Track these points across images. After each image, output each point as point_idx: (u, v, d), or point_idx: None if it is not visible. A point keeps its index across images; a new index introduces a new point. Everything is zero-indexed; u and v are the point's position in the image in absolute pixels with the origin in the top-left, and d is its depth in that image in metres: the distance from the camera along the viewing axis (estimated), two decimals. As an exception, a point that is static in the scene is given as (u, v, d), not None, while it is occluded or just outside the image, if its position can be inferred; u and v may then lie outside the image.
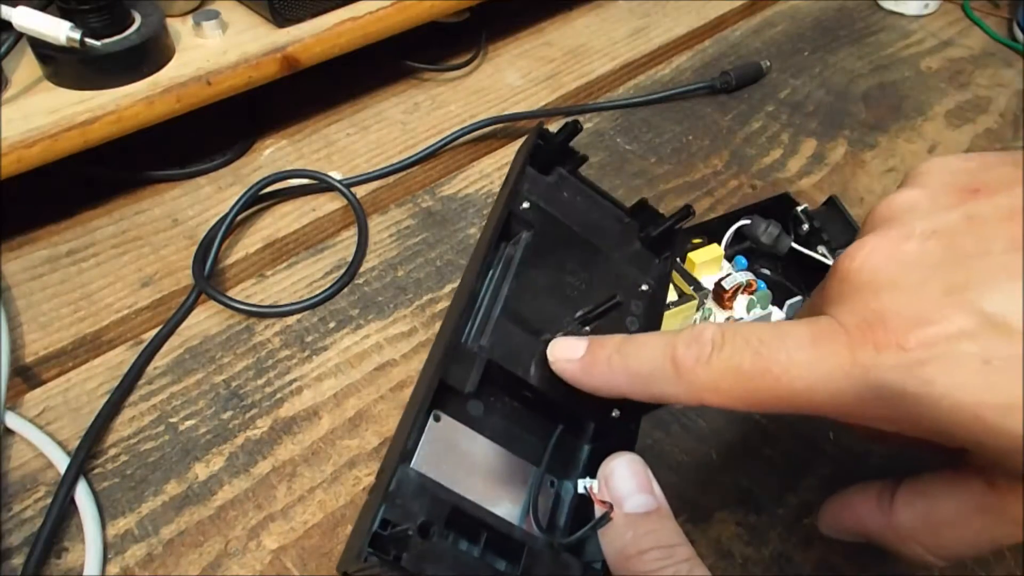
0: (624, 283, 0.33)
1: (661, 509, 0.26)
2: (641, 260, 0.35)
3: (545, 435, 0.30)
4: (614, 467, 0.27)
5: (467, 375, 0.28)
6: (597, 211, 0.35)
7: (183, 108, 0.46)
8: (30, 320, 0.43)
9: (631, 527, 0.25)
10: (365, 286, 0.45)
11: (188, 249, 0.46)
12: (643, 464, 0.27)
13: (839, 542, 0.34)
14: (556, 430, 0.30)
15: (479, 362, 0.28)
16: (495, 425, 0.29)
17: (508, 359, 0.29)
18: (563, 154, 0.35)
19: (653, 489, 0.26)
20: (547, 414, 0.30)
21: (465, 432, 0.28)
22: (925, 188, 0.25)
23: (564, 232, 0.33)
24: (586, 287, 0.32)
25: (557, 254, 0.32)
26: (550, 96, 0.58)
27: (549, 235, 0.33)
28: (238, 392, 0.40)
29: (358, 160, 0.53)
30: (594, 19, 0.67)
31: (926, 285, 0.22)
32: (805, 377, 0.23)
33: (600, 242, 0.34)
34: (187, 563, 0.33)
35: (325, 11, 0.50)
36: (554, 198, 0.34)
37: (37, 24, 0.41)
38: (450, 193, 0.51)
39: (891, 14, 0.68)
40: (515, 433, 0.29)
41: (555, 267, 0.32)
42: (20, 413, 0.38)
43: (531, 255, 0.32)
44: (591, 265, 0.33)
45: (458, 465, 0.27)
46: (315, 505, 0.35)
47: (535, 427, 0.30)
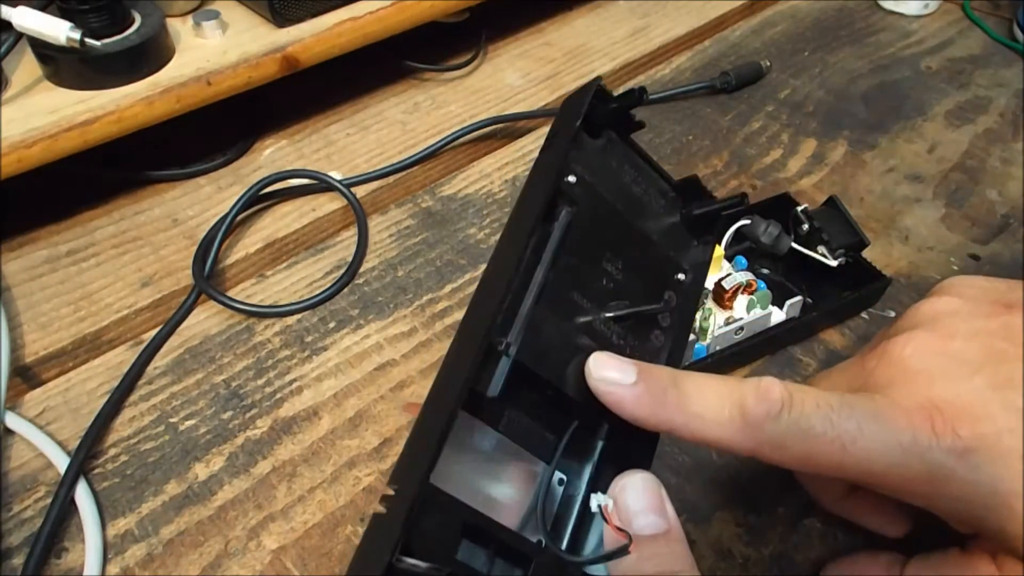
0: (661, 272, 0.32)
1: (672, 532, 0.25)
2: (679, 240, 0.33)
3: (558, 430, 0.28)
4: (626, 484, 0.26)
5: (492, 378, 0.26)
6: (642, 182, 0.32)
7: (183, 108, 0.46)
8: (30, 320, 0.43)
9: (637, 549, 0.24)
10: (365, 286, 0.45)
11: (188, 249, 0.46)
12: (657, 483, 0.26)
13: (839, 542, 0.34)
14: (571, 426, 0.28)
15: (506, 364, 0.26)
16: (510, 419, 0.28)
17: (536, 360, 0.27)
18: (618, 116, 0.32)
19: (665, 510, 0.26)
20: (563, 409, 0.28)
21: (479, 427, 0.27)
22: (963, 298, 0.29)
23: (606, 210, 0.30)
24: (622, 277, 0.30)
25: (596, 237, 0.30)
26: (550, 96, 0.58)
27: (590, 213, 0.30)
28: (238, 392, 0.40)
29: (358, 160, 0.53)
30: (594, 19, 0.67)
31: (973, 380, 0.26)
32: (869, 448, 0.25)
33: (641, 221, 0.31)
34: (187, 563, 0.33)
35: (325, 11, 0.50)
36: (600, 167, 0.31)
37: (37, 24, 0.41)
38: (450, 193, 0.51)
39: (891, 14, 0.68)
40: (528, 427, 0.28)
41: (593, 252, 0.30)
42: (20, 413, 0.38)
43: (569, 237, 0.29)
44: (629, 249, 0.31)
45: (469, 462, 0.26)
46: (315, 505, 0.35)
47: (549, 421, 0.28)
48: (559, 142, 0.30)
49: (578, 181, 0.29)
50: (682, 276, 0.32)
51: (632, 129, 0.32)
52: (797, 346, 0.41)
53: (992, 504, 0.25)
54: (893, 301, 0.43)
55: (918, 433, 0.25)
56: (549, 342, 0.27)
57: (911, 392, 0.26)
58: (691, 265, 0.32)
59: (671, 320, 0.31)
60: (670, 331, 0.31)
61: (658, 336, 0.31)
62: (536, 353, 0.27)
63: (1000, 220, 0.49)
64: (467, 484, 0.26)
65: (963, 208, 0.50)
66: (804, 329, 0.41)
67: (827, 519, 0.34)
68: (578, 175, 0.29)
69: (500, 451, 0.28)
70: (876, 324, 0.42)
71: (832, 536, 0.34)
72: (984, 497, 0.25)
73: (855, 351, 0.41)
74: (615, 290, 0.30)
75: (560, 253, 0.28)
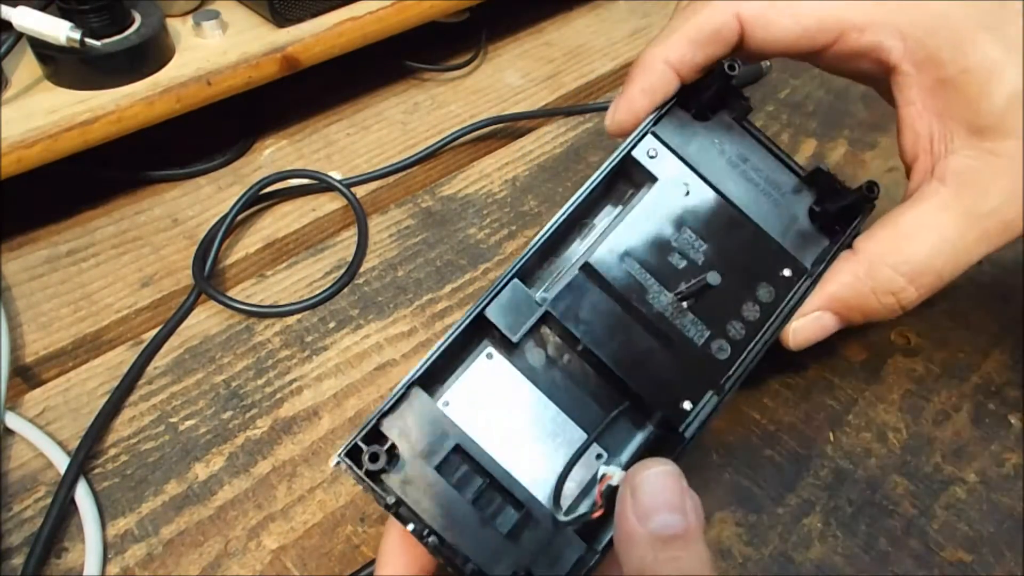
0: (762, 264, 0.30)
1: (690, 532, 0.23)
2: (803, 238, 0.31)
3: (608, 406, 0.28)
4: (645, 477, 0.24)
5: (516, 321, 0.26)
6: (763, 170, 0.31)
7: (183, 108, 0.46)
8: (30, 320, 0.43)
9: (653, 548, 0.23)
10: (365, 286, 0.45)
11: (188, 249, 0.46)
12: (678, 476, 0.24)
13: (839, 542, 0.34)
14: (622, 405, 0.28)
15: (534, 313, 0.26)
16: (555, 379, 0.27)
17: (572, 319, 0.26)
18: (727, 98, 0.31)
19: (685, 508, 0.23)
20: (618, 387, 0.28)
21: (516, 379, 0.27)
22: None
23: (700, 192, 0.30)
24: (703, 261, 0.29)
25: (682, 216, 0.29)
26: (550, 96, 0.58)
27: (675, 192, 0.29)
28: (238, 392, 0.40)
29: (358, 160, 0.53)
30: (594, 19, 0.67)
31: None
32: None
33: (748, 208, 0.30)
34: (187, 563, 0.33)
35: (325, 11, 0.50)
36: (703, 149, 0.30)
37: (37, 24, 0.41)
38: (450, 193, 0.51)
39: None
40: (575, 394, 0.27)
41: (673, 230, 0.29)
42: (20, 413, 0.38)
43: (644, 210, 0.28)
44: (722, 235, 0.30)
45: (496, 409, 0.26)
46: (315, 505, 0.35)
47: (601, 395, 0.28)
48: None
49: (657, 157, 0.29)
50: (788, 272, 0.31)
51: (744, 114, 0.32)
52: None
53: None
54: (893, 301, 0.43)
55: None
56: (595, 307, 0.27)
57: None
58: (809, 263, 0.31)
59: (759, 315, 0.30)
60: (752, 328, 0.30)
61: (736, 328, 0.30)
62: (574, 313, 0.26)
63: (1000, 220, 0.49)
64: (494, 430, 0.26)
65: (963, 208, 0.50)
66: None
67: (827, 519, 0.34)
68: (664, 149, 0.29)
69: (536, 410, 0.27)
70: (876, 324, 0.42)
71: (832, 536, 0.34)
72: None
73: (855, 351, 0.41)
74: (687, 270, 0.29)
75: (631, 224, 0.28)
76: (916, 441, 0.37)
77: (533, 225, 0.48)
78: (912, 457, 0.37)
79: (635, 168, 0.30)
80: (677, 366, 0.29)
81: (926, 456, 0.37)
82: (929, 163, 0.30)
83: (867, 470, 0.36)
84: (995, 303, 0.43)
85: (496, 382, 0.27)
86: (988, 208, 0.29)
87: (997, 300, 0.43)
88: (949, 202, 0.29)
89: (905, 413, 0.38)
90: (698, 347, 0.29)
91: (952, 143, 0.30)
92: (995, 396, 0.39)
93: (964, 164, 0.29)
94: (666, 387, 0.28)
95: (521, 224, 0.48)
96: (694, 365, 0.29)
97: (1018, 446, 0.37)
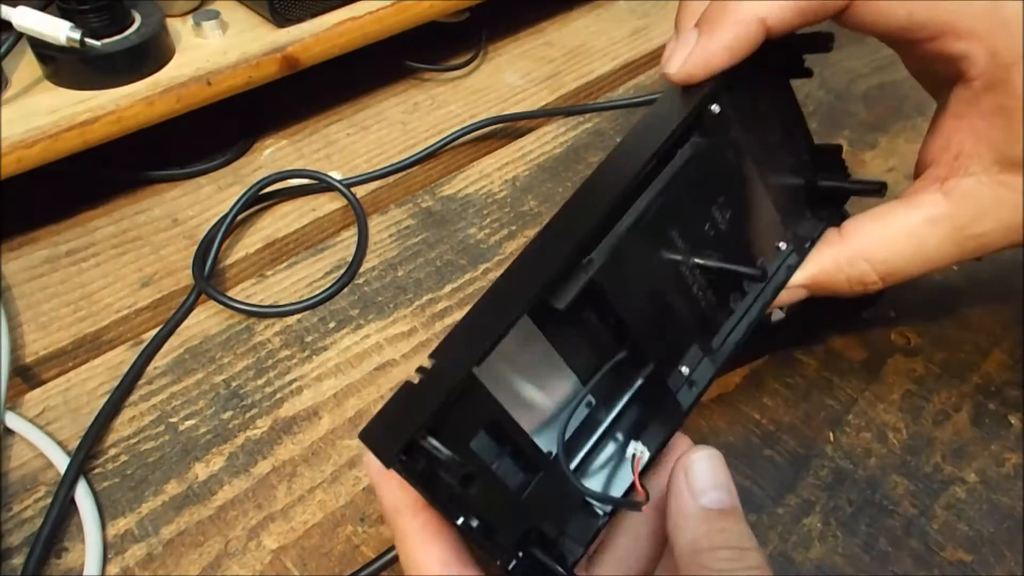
0: (766, 234, 0.30)
1: (736, 509, 0.26)
2: (795, 206, 0.31)
3: (605, 354, 0.27)
4: (696, 459, 0.26)
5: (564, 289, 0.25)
6: (781, 134, 0.31)
7: (183, 108, 0.46)
8: (30, 320, 0.43)
9: (706, 522, 0.25)
10: (365, 286, 0.45)
11: (188, 249, 0.46)
12: (722, 460, 0.26)
13: (839, 542, 0.34)
14: (617, 355, 0.27)
15: (582, 281, 0.25)
16: (559, 331, 0.26)
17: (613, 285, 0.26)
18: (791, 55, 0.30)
19: (730, 488, 0.26)
20: (615, 336, 0.27)
21: (533, 334, 0.26)
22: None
23: (736, 153, 0.29)
24: (727, 228, 0.29)
25: (716, 177, 0.28)
26: (550, 96, 0.58)
27: (719, 151, 0.28)
28: (238, 392, 0.40)
29: (358, 160, 0.53)
30: (594, 19, 0.67)
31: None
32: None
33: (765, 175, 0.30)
34: (187, 563, 0.33)
35: (325, 11, 0.50)
36: (746, 105, 0.29)
37: (37, 24, 0.41)
38: (450, 193, 0.51)
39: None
40: (575, 344, 0.27)
41: (706, 193, 0.28)
42: (20, 413, 0.38)
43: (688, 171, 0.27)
44: (743, 201, 0.29)
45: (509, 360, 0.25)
46: (315, 505, 0.35)
47: (597, 343, 0.27)
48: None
49: (720, 113, 0.28)
50: (783, 246, 0.31)
51: (798, 75, 0.31)
52: (797, 346, 0.41)
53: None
54: (893, 301, 0.43)
55: None
56: (631, 271, 0.26)
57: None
58: (796, 237, 0.31)
59: (755, 286, 0.30)
60: (748, 300, 0.30)
61: (735, 300, 0.30)
62: (615, 278, 0.26)
63: (1000, 220, 0.49)
64: (502, 380, 0.25)
65: (963, 208, 0.50)
66: (804, 329, 0.41)
67: (827, 519, 0.34)
68: (723, 106, 0.27)
69: (543, 360, 0.27)
70: (876, 324, 0.42)
71: (832, 536, 0.34)
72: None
73: (855, 351, 0.41)
74: (715, 239, 0.28)
75: (673, 183, 0.27)
76: (916, 441, 0.37)
77: (533, 225, 0.48)
78: (912, 457, 0.37)
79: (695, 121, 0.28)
80: (684, 329, 0.29)
81: (926, 456, 0.37)
82: (943, 174, 0.31)
83: (867, 470, 0.36)
84: (995, 303, 0.43)
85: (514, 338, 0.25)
86: (978, 231, 0.30)
87: (997, 300, 0.43)
88: (943, 218, 0.30)
89: (905, 413, 0.38)
90: (707, 314, 0.29)
91: (974, 166, 0.30)
92: (995, 396, 0.39)
93: (975, 189, 0.30)
94: (671, 347, 0.27)
95: (521, 224, 0.48)
96: (701, 331, 0.29)
97: (1018, 446, 0.37)
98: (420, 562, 0.25)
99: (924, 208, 0.31)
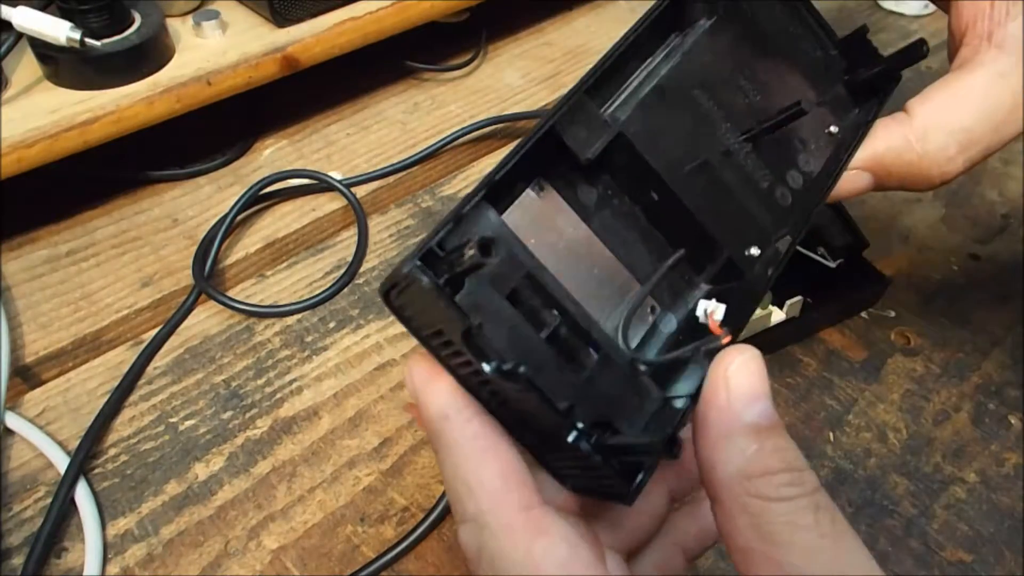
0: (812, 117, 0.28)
1: (781, 424, 0.21)
2: (838, 104, 0.30)
3: (661, 255, 0.25)
4: (736, 363, 0.21)
5: (589, 139, 0.23)
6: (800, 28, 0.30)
7: (183, 108, 0.46)
8: (30, 320, 0.43)
9: (756, 440, 0.20)
10: (365, 286, 0.45)
11: (188, 249, 0.46)
12: (763, 363, 0.21)
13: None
14: (676, 253, 0.25)
15: (608, 131, 0.23)
16: (606, 221, 0.24)
17: (646, 144, 0.24)
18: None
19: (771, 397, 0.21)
20: (670, 233, 0.25)
21: (569, 216, 0.24)
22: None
23: (752, 35, 0.28)
24: (760, 98, 0.27)
25: (735, 55, 0.27)
26: (550, 96, 0.58)
27: (731, 31, 0.27)
28: (238, 392, 0.40)
29: (358, 160, 0.53)
30: (594, 19, 0.67)
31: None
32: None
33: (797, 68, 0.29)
34: (187, 563, 0.33)
35: (325, 11, 0.50)
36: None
37: (37, 24, 0.41)
38: (450, 193, 0.51)
39: (891, 14, 0.68)
40: (628, 240, 0.25)
41: (729, 67, 0.27)
42: (20, 413, 0.38)
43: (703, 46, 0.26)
44: (773, 81, 0.28)
45: (550, 248, 0.23)
46: (315, 505, 0.35)
47: (652, 242, 0.25)
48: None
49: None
50: (835, 130, 0.29)
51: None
52: (797, 346, 0.41)
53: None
54: (893, 301, 0.43)
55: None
56: (666, 134, 0.25)
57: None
58: (848, 126, 0.29)
59: (812, 167, 0.28)
60: (808, 178, 0.28)
61: (795, 178, 0.28)
62: (648, 137, 0.24)
63: (1000, 220, 0.49)
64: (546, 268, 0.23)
65: (963, 208, 0.50)
66: (804, 329, 0.41)
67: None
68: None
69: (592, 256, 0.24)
70: (876, 324, 0.42)
71: (832, 536, 0.34)
72: None
73: (855, 351, 0.41)
74: (747, 112, 0.27)
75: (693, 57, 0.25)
76: (916, 441, 0.37)
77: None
78: (912, 457, 0.37)
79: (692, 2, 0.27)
80: (744, 209, 0.27)
81: (926, 456, 0.37)
82: (987, 28, 0.29)
83: (867, 470, 0.36)
84: (995, 303, 0.43)
85: (548, 219, 0.23)
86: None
87: (997, 300, 0.43)
88: (1009, 69, 0.28)
89: (905, 413, 0.38)
90: (764, 191, 0.27)
91: (1013, 8, 0.29)
92: (995, 396, 0.39)
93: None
94: (735, 230, 0.25)
95: (521, 224, 0.48)
96: (761, 209, 0.27)
97: (1018, 446, 0.37)
98: (472, 477, 0.21)
99: (988, 65, 0.29)
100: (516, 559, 0.20)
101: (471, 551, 0.21)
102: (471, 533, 0.21)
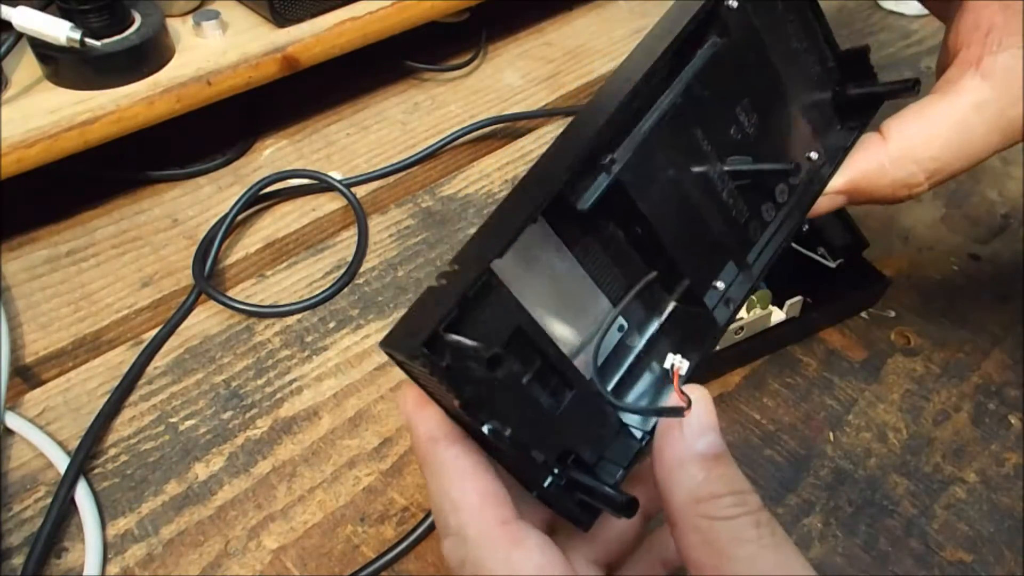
0: (796, 143, 0.29)
1: (727, 452, 0.24)
2: (823, 117, 0.30)
3: (634, 276, 0.26)
4: (696, 399, 0.24)
5: (586, 190, 0.24)
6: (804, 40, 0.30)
7: (183, 108, 0.46)
8: (30, 320, 0.43)
9: (704, 468, 0.23)
10: (365, 286, 0.45)
11: (188, 249, 0.46)
12: (711, 400, 0.24)
13: (839, 542, 0.34)
14: (648, 276, 0.26)
15: (604, 181, 0.24)
16: (588, 247, 0.25)
17: (638, 187, 0.25)
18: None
19: (719, 429, 0.24)
20: (645, 255, 0.26)
21: (555, 244, 0.25)
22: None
23: (758, 54, 0.28)
24: (754, 132, 0.28)
25: (739, 79, 0.27)
26: (550, 96, 0.58)
27: (741, 51, 0.27)
28: (238, 392, 0.40)
29: (358, 160, 0.53)
30: (594, 19, 0.67)
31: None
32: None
33: (791, 82, 0.29)
34: (187, 563, 0.33)
35: (325, 11, 0.50)
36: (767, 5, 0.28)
37: (37, 24, 0.41)
38: (450, 193, 0.51)
39: (891, 14, 0.68)
40: (603, 263, 0.26)
41: (730, 95, 0.27)
42: (20, 413, 0.38)
43: (710, 70, 0.26)
44: (769, 106, 0.28)
45: (535, 276, 0.24)
46: (315, 505, 0.35)
47: (626, 263, 0.26)
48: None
49: (739, 8, 0.26)
50: (815, 155, 0.30)
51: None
52: (797, 346, 0.41)
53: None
54: (893, 301, 0.43)
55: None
56: (657, 174, 0.25)
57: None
58: (828, 149, 0.30)
59: (788, 198, 0.29)
60: (783, 210, 0.29)
61: (769, 211, 0.29)
62: (640, 180, 0.25)
63: (1000, 220, 0.49)
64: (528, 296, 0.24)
65: (963, 208, 0.50)
66: (804, 329, 0.41)
67: (827, 519, 0.34)
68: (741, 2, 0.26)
69: (569, 278, 0.25)
70: (876, 324, 0.42)
71: (832, 536, 0.34)
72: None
73: (855, 351, 0.41)
74: (742, 143, 0.27)
75: (695, 83, 0.26)
76: (916, 441, 0.37)
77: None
78: (912, 457, 0.37)
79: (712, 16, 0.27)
80: (717, 242, 0.28)
81: (926, 456, 0.37)
82: (978, 54, 0.30)
83: (867, 470, 0.36)
84: (995, 303, 0.43)
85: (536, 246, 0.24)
86: (1020, 112, 0.29)
87: (997, 300, 0.43)
88: (986, 101, 0.29)
89: (905, 413, 0.38)
90: (740, 226, 0.28)
91: (1007, 39, 0.29)
92: (995, 396, 0.39)
93: (1012, 63, 0.29)
94: (705, 261, 0.26)
95: (521, 224, 0.48)
96: (734, 244, 0.28)
97: (1018, 446, 0.37)
98: (456, 497, 0.23)
99: (966, 94, 0.29)
100: (495, 567, 0.22)
101: (454, 562, 0.23)
102: (454, 546, 0.23)
